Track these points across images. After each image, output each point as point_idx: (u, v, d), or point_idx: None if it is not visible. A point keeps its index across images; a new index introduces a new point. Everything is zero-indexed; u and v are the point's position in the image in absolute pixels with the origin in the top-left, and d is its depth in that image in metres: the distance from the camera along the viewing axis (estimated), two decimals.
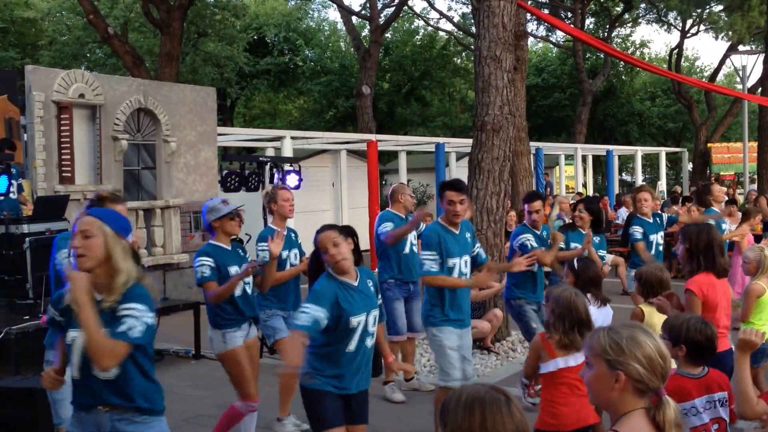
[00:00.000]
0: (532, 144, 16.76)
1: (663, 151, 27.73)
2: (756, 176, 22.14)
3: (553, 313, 3.72)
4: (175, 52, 17.88)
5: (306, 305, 3.67)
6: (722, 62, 29.79)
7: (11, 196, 8.69)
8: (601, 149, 24.80)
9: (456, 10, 42.32)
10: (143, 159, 11.15)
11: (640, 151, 26.58)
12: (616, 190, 24.26)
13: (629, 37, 36.47)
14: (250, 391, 4.77)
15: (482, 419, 1.85)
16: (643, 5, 29.18)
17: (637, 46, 37.56)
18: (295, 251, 5.64)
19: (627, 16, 30.83)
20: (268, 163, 9.51)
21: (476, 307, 7.59)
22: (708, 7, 26.25)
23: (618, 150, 26.00)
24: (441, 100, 36.84)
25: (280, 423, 5.51)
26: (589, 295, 4.46)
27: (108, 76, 11.64)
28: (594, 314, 3.89)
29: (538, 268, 6.21)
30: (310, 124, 33.03)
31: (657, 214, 7.32)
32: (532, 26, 28.45)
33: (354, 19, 26.39)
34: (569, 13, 28.23)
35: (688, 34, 30.21)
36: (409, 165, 20.50)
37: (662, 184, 26.13)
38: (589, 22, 31.26)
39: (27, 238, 7.65)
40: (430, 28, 33.07)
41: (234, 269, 4.72)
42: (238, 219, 4.81)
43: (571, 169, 24.94)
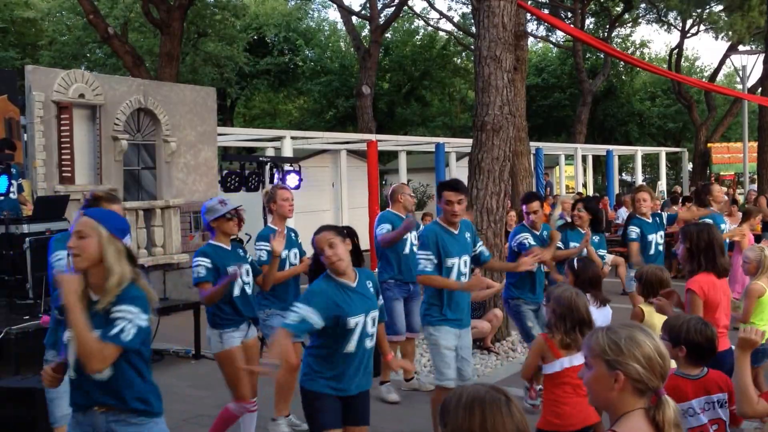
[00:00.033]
0: (532, 144, 16.76)
1: (663, 151, 27.74)
2: (756, 176, 22.12)
3: (554, 313, 3.72)
4: (175, 52, 17.88)
5: (297, 305, 3.68)
6: (722, 62, 29.79)
7: (11, 196, 8.69)
8: (601, 149, 24.81)
9: (456, 10, 42.39)
10: (143, 159, 11.15)
11: (640, 151, 26.58)
12: (616, 190, 24.26)
13: (629, 37, 36.52)
14: (244, 392, 4.76)
15: (482, 419, 1.85)
16: (643, 5, 29.17)
17: (637, 46, 37.57)
18: (295, 251, 5.66)
19: (627, 16, 30.82)
20: (268, 163, 9.51)
21: (476, 307, 7.59)
22: (708, 7, 26.24)
23: (618, 150, 26.00)
24: (441, 100, 36.83)
25: (274, 423, 5.51)
26: (589, 296, 4.45)
27: (108, 76, 11.64)
28: (593, 314, 3.88)
29: (538, 269, 6.21)
30: (310, 124, 33.02)
31: (657, 214, 7.31)
32: (532, 26, 28.48)
33: (354, 19, 26.38)
34: (569, 13, 28.22)
35: (688, 34, 30.21)
36: (409, 165, 20.49)
37: (662, 184, 26.14)
38: (589, 22, 31.25)
39: (27, 238, 7.65)
40: (430, 28, 33.09)
41: (233, 269, 4.71)
42: (237, 219, 4.80)
43: (571, 169, 24.94)
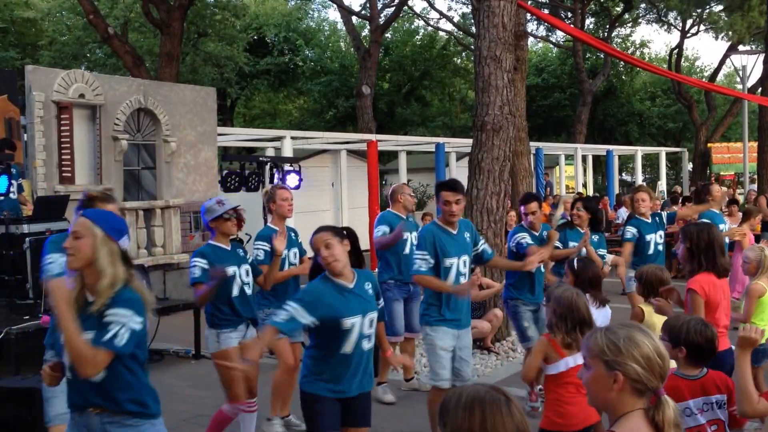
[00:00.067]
0: (532, 144, 16.76)
1: (663, 151, 27.75)
2: (756, 176, 22.11)
3: (555, 313, 3.71)
4: (175, 52, 17.88)
5: (289, 303, 3.67)
6: (722, 62, 29.79)
7: (11, 196, 8.69)
8: (601, 149, 24.81)
9: (456, 10, 42.38)
10: (143, 159, 11.15)
11: (640, 151, 26.58)
12: (616, 190, 24.26)
13: (629, 37, 36.51)
14: (238, 393, 4.74)
15: (482, 419, 1.84)
16: (643, 5, 29.16)
17: (637, 46, 37.56)
18: (294, 250, 5.66)
19: (627, 16, 30.82)
20: (268, 163, 9.52)
21: (476, 307, 7.58)
22: (708, 7, 26.24)
23: (618, 150, 26.01)
24: (441, 100, 36.82)
25: (269, 423, 5.49)
26: (588, 296, 4.44)
27: (108, 76, 11.64)
28: (593, 315, 3.88)
29: (537, 269, 6.19)
30: (310, 124, 33.02)
31: (656, 214, 7.30)
32: (532, 26, 28.47)
33: (354, 19, 26.38)
34: (569, 13, 28.22)
35: (688, 34, 30.21)
36: (409, 165, 20.50)
37: (662, 184, 26.14)
38: (589, 22, 31.25)
39: (27, 238, 7.65)
40: (430, 28, 33.08)
41: (232, 269, 4.71)
42: (237, 219, 4.79)
43: (571, 169, 24.94)
